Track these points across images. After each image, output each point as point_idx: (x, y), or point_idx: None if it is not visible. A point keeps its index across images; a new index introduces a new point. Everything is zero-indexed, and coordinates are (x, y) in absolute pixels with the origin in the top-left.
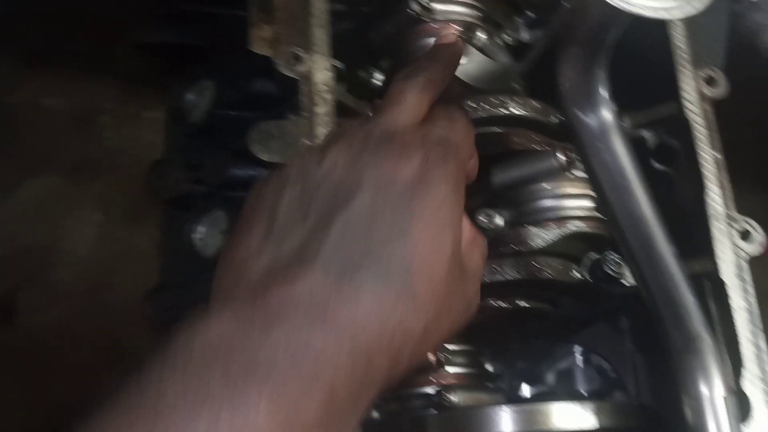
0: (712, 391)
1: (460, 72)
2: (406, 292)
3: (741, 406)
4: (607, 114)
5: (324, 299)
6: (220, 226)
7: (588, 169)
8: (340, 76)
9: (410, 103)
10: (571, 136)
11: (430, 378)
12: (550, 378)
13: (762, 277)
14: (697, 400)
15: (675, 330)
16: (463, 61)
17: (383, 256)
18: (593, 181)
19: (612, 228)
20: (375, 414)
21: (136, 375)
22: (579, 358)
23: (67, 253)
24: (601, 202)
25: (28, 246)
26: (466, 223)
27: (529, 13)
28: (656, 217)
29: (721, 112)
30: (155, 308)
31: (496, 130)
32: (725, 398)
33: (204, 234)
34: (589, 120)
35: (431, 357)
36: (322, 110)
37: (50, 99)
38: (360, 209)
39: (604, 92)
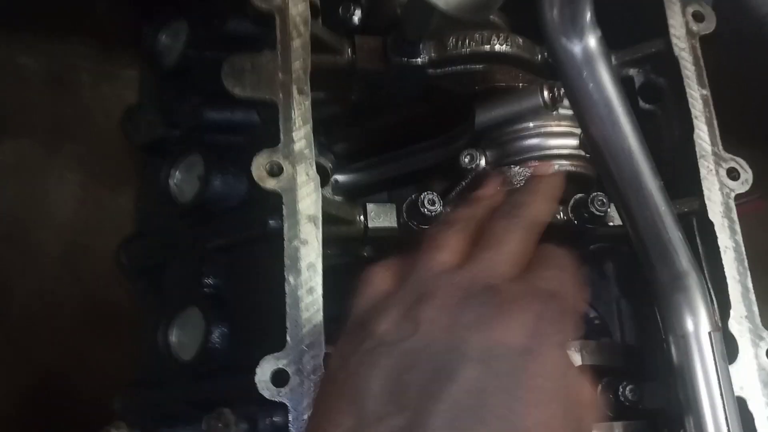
0: (698, 328)
1: (440, 1)
2: None
3: (729, 345)
4: (593, 41)
5: None
6: (197, 170)
7: (573, 101)
8: (316, 10)
9: (513, 248)
10: (556, 66)
11: None
12: None
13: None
14: (683, 337)
15: (662, 267)
16: None
17: None
18: (578, 113)
19: (597, 162)
20: None
21: None
22: None
23: (48, 216)
24: (587, 134)
25: (6, 209)
26: (585, 388)
27: None
28: (643, 150)
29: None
30: (129, 256)
31: (479, 67)
32: (710, 334)
33: (180, 179)
34: (575, 48)
35: None
36: (298, 43)
37: (26, 58)
38: (466, 389)
39: (589, 18)
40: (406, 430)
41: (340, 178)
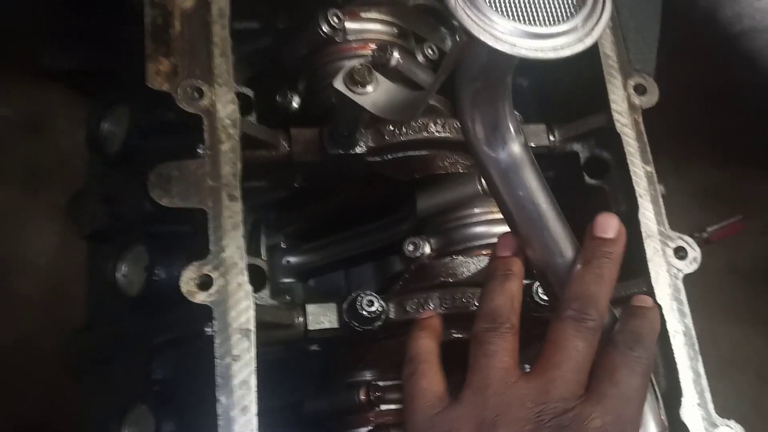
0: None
1: (367, 103)
2: None
3: None
4: (516, 148)
5: None
6: (144, 261)
7: (500, 205)
8: (249, 104)
9: (581, 361)
10: (482, 172)
11: (365, 417)
12: None
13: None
14: None
15: None
16: (369, 89)
17: None
18: (506, 216)
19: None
20: None
21: None
22: None
23: (27, 264)
24: (516, 237)
25: None
26: None
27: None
28: (574, 248)
29: (682, 84)
30: (78, 350)
31: (419, 153)
32: None
33: (127, 272)
34: (499, 155)
35: (363, 396)
36: (227, 147)
37: (1, 106)
38: None
39: (511, 126)
40: None
41: (292, 259)
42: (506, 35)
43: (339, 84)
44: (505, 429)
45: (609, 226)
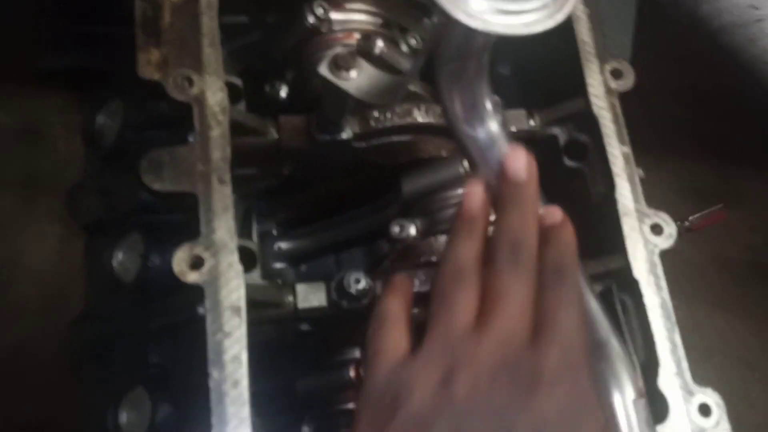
0: (624, 397)
1: (351, 87)
2: None
3: (659, 405)
4: (493, 125)
5: None
6: (139, 250)
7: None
8: (238, 93)
9: (525, 305)
10: (462, 150)
11: (355, 394)
12: None
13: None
14: (609, 407)
15: None
16: (353, 74)
17: None
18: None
19: None
20: (305, 429)
21: None
22: None
23: (26, 270)
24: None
25: None
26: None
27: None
28: None
29: (666, 84)
30: (77, 339)
31: (403, 138)
32: (634, 402)
33: (123, 260)
34: (478, 134)
35: (352, 373)
36: (216, 133)
37: None
38: None
39: (488, 105)
40: None
41: (283, 245)
42: (479, 13)
43: (323, 70)
44: (460, 381)
45: (519, 164)
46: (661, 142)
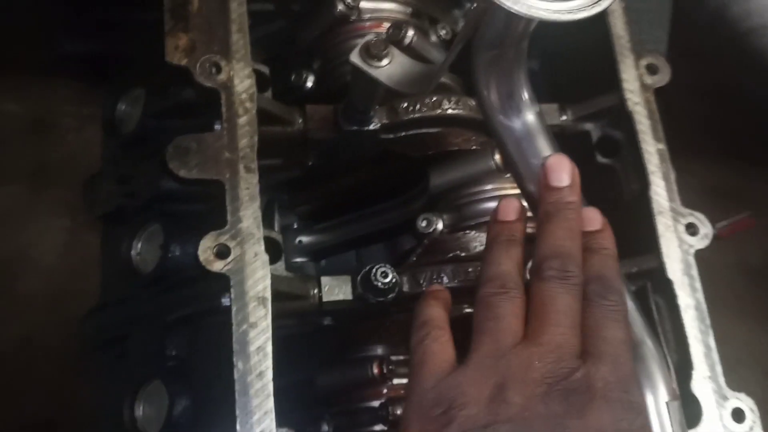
0: (656, 399)
1: (382, 75)
2: None
3: (692, 409)
4: (530, 116)
5: None
6: (158, 240)
7: (515, 175)
8: (265, 82)
9: (574, 317)
10: (496, 141)
11: (377, 391)
12: None
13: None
14: None
15: None
16: (384, 63)
17: None
18: (521, 186)
19: None
20: (325, 428)
21: None
22: None
23: (34, 262)
24: (531, 207)
25: None
26: None
27: (469, 5)
28: None
29: (690, 85)
30: (94, 328)
31: (432, 130)
32: (668, 404)
33: (142, 250)
34: (513, 124)
35: (375, 370)
36: (244, 120)
37: (9, 103)
38: None
39: (525, 94)
40: None
41: (304, 239)
42: None
43: (355, 57)
44: (515, 392)
45: (563, 172)
46: (682, 143)
